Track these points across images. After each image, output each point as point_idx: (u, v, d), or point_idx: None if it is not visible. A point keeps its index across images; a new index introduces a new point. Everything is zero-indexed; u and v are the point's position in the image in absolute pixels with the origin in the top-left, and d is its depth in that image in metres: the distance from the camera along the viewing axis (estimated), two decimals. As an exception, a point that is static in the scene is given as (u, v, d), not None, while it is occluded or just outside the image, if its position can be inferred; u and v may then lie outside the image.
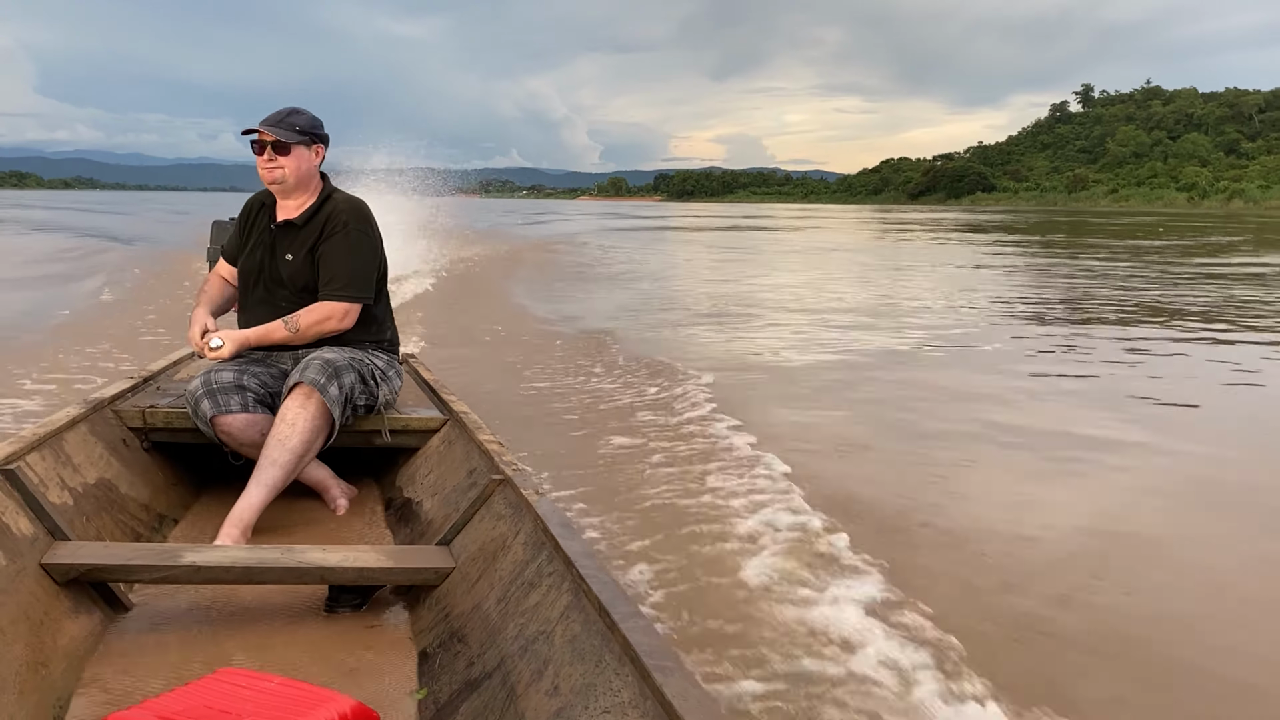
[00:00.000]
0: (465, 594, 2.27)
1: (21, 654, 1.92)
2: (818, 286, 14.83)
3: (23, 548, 2.18)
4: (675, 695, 1.36)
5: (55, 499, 2.50)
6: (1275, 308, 12.00)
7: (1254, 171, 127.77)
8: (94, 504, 2.70)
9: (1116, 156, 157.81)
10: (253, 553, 2.32)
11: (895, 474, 4.56)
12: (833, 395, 6.43)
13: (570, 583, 1.91)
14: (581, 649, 1.71)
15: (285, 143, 3.09)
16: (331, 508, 3.21)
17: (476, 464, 2.90)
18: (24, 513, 2.28)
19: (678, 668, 1.45)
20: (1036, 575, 3.28)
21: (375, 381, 3.18)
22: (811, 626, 2.73)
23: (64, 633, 2.11)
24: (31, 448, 2.54)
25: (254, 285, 3.24)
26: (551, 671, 1.73)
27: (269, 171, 3.12)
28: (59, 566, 2.19)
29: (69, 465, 2.70)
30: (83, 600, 2.25)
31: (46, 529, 2.31)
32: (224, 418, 2.97)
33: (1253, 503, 4.26)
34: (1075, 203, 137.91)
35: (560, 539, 2.03)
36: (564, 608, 1.88)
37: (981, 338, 9.22)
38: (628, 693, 1.51)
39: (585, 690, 1.60)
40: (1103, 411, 5.94)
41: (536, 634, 1.88)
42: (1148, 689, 2.58)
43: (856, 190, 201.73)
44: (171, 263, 15.49)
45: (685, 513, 3.72)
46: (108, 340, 7.65)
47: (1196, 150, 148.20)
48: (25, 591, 2.08)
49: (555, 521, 2.15)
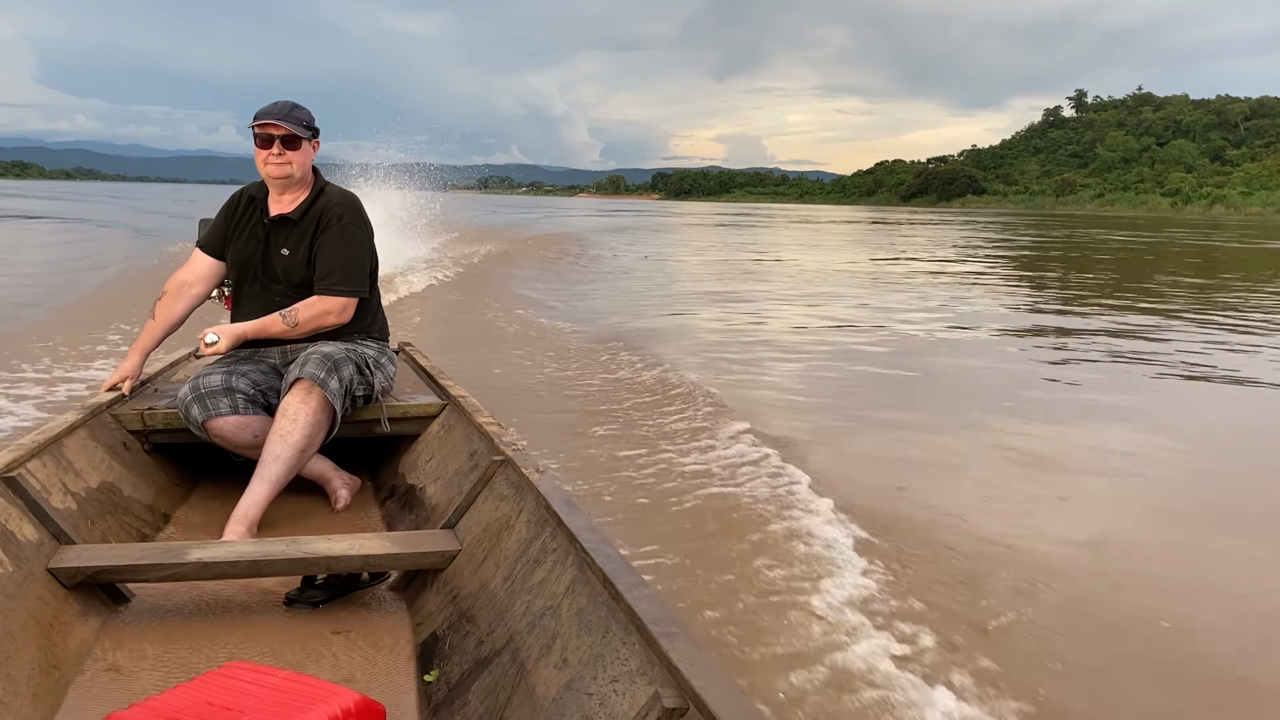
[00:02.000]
0: (472, 575, 2.29)
1: (33, 658, 1.93)
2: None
3: (28, 553, 2.19)
4: (682, 660, 1.39)
5: (58, 504, 2.50)
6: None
7: (1237, 178, 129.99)
8: (98, 507, 2.70)
9: (1105, 161, 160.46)
10: (258, 546, 2.33)
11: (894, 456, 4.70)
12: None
13: (574, 557, 1.94)
14: (588, 621, 1.74)
15: (298, 137, 3.08)
16: (333, 499, 3.20)
17: (477, 446, 2.92)
18: (27, 519, 2.29)
19: (683, 634, 1.48)
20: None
21: (370, 370, 3.17)
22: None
23: (74, 635, 2.12)
24: (32, 454, 2.53)
25: (249, 280, 3.21)
26: (560, 645, 1.76)
27: (278, 166, 3.07)
28: (66, 570, 2.20)
29: (70, 470, 2.70)
30: (91, 602, 2.26)
31: (51, 534, 2.32)
32: (215, 421, 2.96)
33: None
34: (1062, 206, 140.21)
35: (562, 515, 2.06)
36: (569, 582, 1.90)
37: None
38: (635, 661, 1.54)
39: (594, 661, 1.63)
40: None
41: (544, 609, 1.90)
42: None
43: (850, 191, 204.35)
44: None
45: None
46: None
47: (1183, 156, 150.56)
48: (33, 596, 2.09)
49: (557, 499, 2.18)
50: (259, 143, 3.08)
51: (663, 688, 1.40)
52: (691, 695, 1.33)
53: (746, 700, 1.30)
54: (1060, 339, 9.72)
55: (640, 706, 1.42)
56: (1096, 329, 10.46)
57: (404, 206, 19.87)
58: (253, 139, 3.10)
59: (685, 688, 1.35)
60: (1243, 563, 3.60)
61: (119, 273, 13.09)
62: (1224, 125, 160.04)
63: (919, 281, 16.53)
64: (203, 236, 3.36)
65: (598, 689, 1.57)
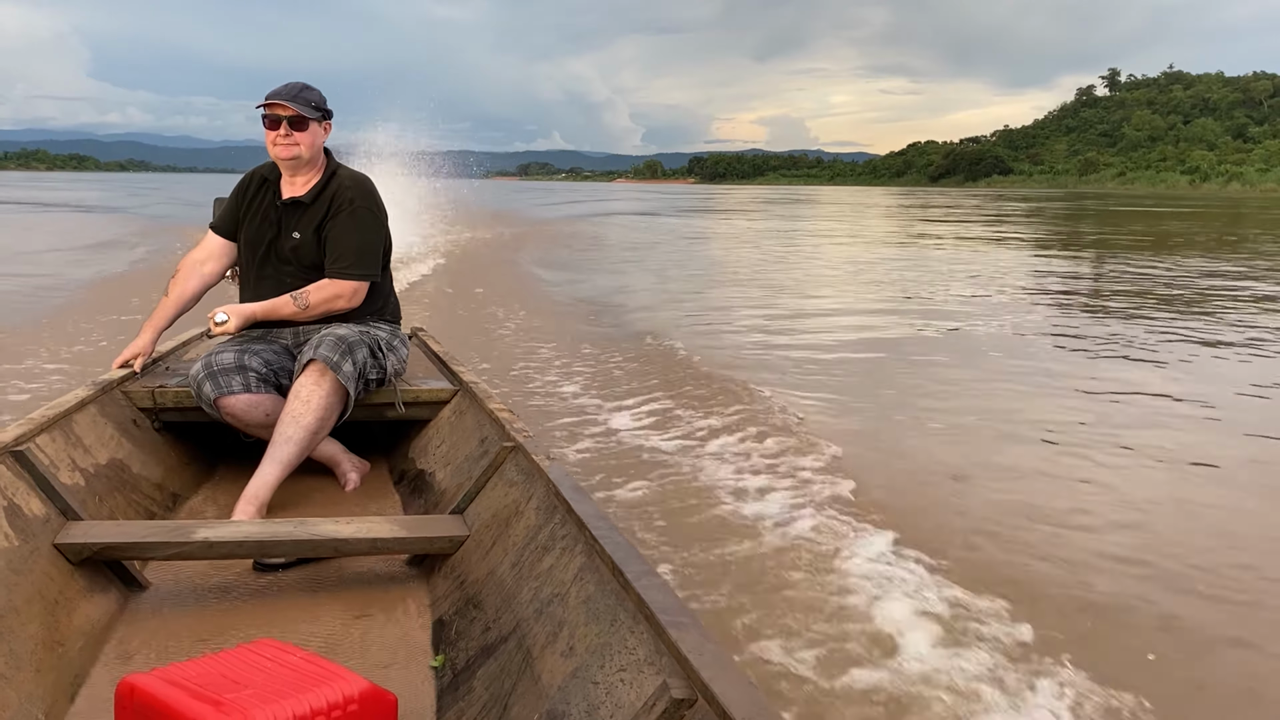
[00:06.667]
0: (480, 561, 2.29)
1: (37, 633, 1.93)
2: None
3: (35, 528, 2.18)
4: (691, 651, 1.37)
5: (66, 480, 2.49)
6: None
7: (1256, 155, 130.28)
8: (106, 484, 2.70)
9: (1131, 140, 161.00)
10: (266, 527, 2.33)
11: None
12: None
13: (583, 545, 1.93)
14: (596, 609, 1.73)
15: (305, 118, 3.06)
16: (343, 483, 3.20)
17: (488, 432, 2.92)
18: (35, 493, 2.28)
19: (693, 623, 1.46)
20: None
21: (383, 353, 3.16)
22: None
23: (79, 612, 2.11)
24: (41, 429, 2.52)
25: (259, 262, 3.21)
26: (567, 633, 1.75)
27: (286, 148, 3.06)
28: (72, 546, 2.19)
29: (79, 446, 2.69)
30: (97, 579, 2.25)
31: (59, 509, 2.31)
32: (227, 399, 2.94)
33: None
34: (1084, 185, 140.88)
35: (572, 502, 2.05)
36: (577, 569, 1.90)
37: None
38: (643, 650, 1.53)
39: (601, 649, 1.62)
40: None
41: (551, 596, 1.90)
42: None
43: (881, 173, 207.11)
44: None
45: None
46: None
47: (1205, 134, 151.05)
48: (39, 571, 2.09)
49: (567, 486, 2.16)
50: (267, 124, 3.08)
51: (671, 678, 1.38)
52: (700, 686, 1.31)
53: (756, 692, 1.28)
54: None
55: (648, 696, 1.40)
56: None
57: (418, 198, 19.61)
58: (261, 120, 3.10)
59: (694, 678, 1.33)
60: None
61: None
62: (1249, 103, 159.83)
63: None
64: (215, 217, 3.37)
65: (604, 678, 1.56)
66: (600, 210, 41.64)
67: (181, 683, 1.57)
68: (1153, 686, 2.43)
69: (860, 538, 3.33)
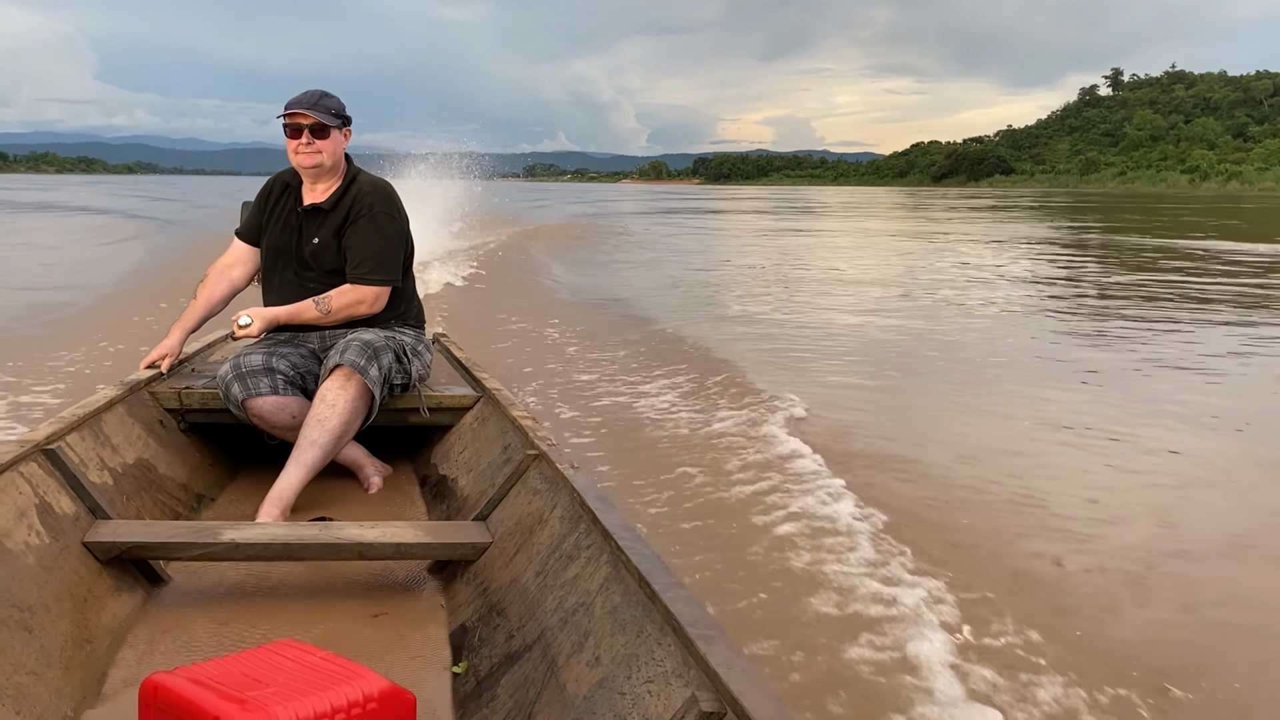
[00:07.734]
0: (503, 568, 2.30)
1: (66, 630, 1.96)
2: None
3: (65, 526, 2.21)
4: (720, 664, 1.36)
5: (95, 478, 2.51)
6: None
7: (1256, 155, 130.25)
8: (133, 483, 2.72)
9: (1133, 140, 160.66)
10: (291, 530, 2.35)
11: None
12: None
13: (609, 555, 1.93)
14: (622, 620, 1.73)
15: (326, 126, 3.08)
16: (365, 486, 3.23)
17: (511, 440, 2.93)
18: (65, 492, 2.31)
19: (721, 637, 1.46)
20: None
21: (408, 358, 3.19)
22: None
23: (106, 610, 2.14)
24: (71, 428, 2.55)
25: (281, 267, 3.24)
26: (592, 643, 1.75)
27: (308, 156, 3.08)
28: (101, 545, 2.22)
29: (108, 445, 2.71)
30: (124, 578, 2.27)
31: (88, 508, 2.33)
32: (254, 400, 2.98)
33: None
34: (1084, 184, 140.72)
35: (598, 511, 2.05)
36: (603, 579, 1.89)
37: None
38: (671, 662, 1.52)
39: (627, 660, 1.62)
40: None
41: (576, 606, 1.90)
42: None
43: (884, 173, 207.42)
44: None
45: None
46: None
47: (1206, 134, 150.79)
48: (69, 569, 2.11)
49: (592, 495, 2.17)
50: (288, 133, 3.09)
51: (699, 690, 1.37)
52: (730, 700, 1.30)
53: (786, 707, 1.27)
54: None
55: (676, 709, 1.40)
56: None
57: (441, 199, 19.62)
58: (282, 130, 3.12)
59: (723, 692, 1.32)
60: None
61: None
62: (1249, 102, 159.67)
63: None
64: (241, 223, 3.42)
65: (631, 689, 1.55)
66: (611, 210, 41.39)
67: (205, 681, 1.58)
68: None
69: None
